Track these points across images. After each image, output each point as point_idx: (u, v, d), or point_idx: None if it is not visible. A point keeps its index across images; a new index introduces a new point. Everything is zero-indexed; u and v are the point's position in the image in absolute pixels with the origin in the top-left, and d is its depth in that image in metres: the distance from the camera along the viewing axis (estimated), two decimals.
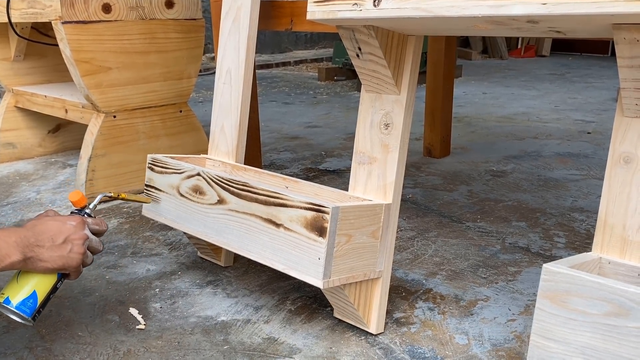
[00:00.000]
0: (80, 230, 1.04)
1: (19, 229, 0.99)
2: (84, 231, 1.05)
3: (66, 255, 1.01)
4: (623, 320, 0.76)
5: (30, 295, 1.02)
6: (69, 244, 1.02)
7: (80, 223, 1.05)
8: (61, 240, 1.01)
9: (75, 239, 1.02)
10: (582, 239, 1.66)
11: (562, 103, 3.92)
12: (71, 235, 1.02)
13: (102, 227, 1.12)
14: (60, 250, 1.00)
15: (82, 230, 1.04)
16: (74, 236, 1.02)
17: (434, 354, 1.13)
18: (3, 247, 0.94)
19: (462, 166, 2.40)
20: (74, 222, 1.04)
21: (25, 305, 1.01)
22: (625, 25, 0.78)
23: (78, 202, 1.14)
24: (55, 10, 1.85)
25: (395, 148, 1.16)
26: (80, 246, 1.03)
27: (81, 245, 1.03)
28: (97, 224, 1.11)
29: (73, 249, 1.02)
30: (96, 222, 1.11)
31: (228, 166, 1.49)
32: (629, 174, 0.90)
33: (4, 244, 0.94)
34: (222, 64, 1.53)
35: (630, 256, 0.89)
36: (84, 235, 1.04)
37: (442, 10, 0.87)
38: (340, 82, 5.13)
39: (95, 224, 1.10)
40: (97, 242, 1.09)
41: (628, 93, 0.87)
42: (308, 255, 1.07)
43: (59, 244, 1.01)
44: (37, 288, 1.03)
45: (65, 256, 1.01)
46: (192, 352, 1.15)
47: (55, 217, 1.06)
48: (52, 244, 1.00)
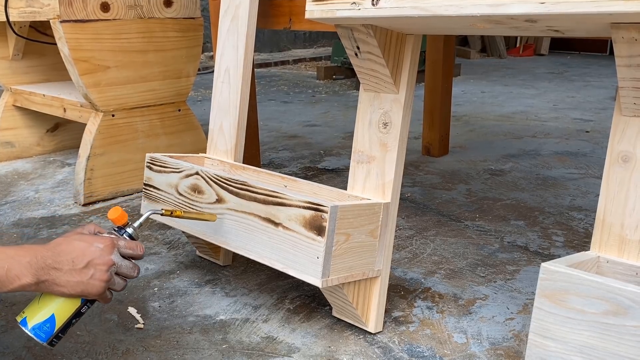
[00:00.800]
0: (107, 255, 0.92)
1: (39, 248, 0.90)
2: (111, 256, 0.93)
3: (86, 281, 0.90)
4: (621, 319, 0.76)
5: (48, 319, 0.93)
6: (91, 269, 0.91)
7: (108, 246, 0.93)
8: (82, 264, 0.90)
9: (99, 264, 0.91)
10: (581, 237, 1.67)
11: (561, 102, 3.92)
12: (95, 260, 0.91)
13: (137, 251, 0.98)
14: (80, 275, 0.90)
15: (108, 255, 0.92)
16: (98, 261, 0.91)
17: (433, 352, 1.13)
18: (14, 267, 0.86)
19: (461, 165, 2.40)
20: (101, 245, 0.93)
21: (41, 330, 0.92)
22: (624, 24, 0.78)
23: (117, 220, 1.02)
24: (54, 9, 1.85)
25: (393, 147, 1.16)
26: (104, 273, 0.91)
27: (105, 272, 0.91)
28: (130, 248, 0.97)
29: (95, 275, 0.91)
30: (130, 246, 0.98)
31: (227, 165, 1.49)
32: (627, 173, 0.90)
33: (16, 264, 0.86)
34: (221, 63, 1.53)
35: (628, 255, 0.90)
36: (109, 261, 0.92)
37: (440, 10, 0.87)
38: (339, 81, 5.13)
39: (128, 247, 0.97)
40: (128, 268, 0.97)
41: (626, 92, 0.87)
42: (307, 254, 1.07)
43: (80, 268, 0.90)
44: (56, 312, 0.93)
45: (85, 282, 0.90)
46: (191, 351, 1.15)
47: (84, 236, 0.94)
48: (72, 268, 0.89)
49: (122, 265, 0.95)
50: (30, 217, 1.89)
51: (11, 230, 1.79)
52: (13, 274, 0.85)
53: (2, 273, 0.85)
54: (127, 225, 1.03)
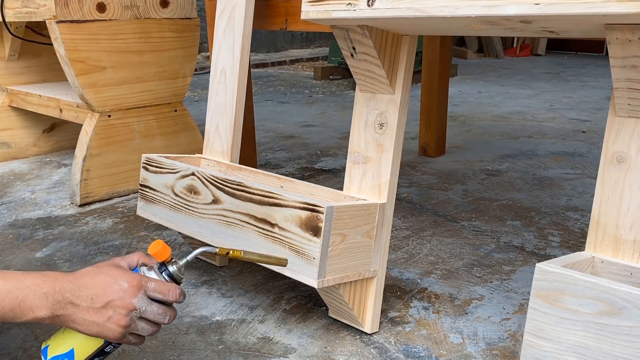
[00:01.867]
0: (130, 298, 0.81)
1: (61, 277, 0.81)
2: (134, 299, 0.81)
3: (102, 323, 0.80)
4: (615, 319, 0.76)
5: (67, 354, 0.85)
6: (110, 310, 0.80)
7: (133, 287, 0.81)
8: (102, 303, 0.80)
9: (118, 306, 0.80)
10: (577, 237, 1.67)
11: (557, 102, 3.93)
12: (115, 301, 0.80)
13: (168, 297, 0.84)
14: (97, 315, 0.80)
15: (131, 298, 0.81)
16: (118, 303, 0.80)
17: (429, 353, 1.13)
18: (29, 298, 0.78)
19: (457, 165, 2.41)
20: (126, 285, 0.81)
21: None
22: (618, 25, 0.79)
23: (158, 255, 0.87)
24: (50, 10, 1.85)
25: (389, 147, 1.16)
26: (123, 317, 0.80)
27: (124, 316, 0.80)
28: (161, 292, 0.83)
29: (113, 318, 0.80)
30: (161, 290, 0.84)
31: (223, 166, 1.49)
32: (622, 174, 0.90)
33: (32, 295, 0.78)
34: (217, 63, 1.53)
35: (623, 255, 0.90)
36: (130, 305, 0.81)
37: (435, 10, 0.87)
38: (336, 81, 5.13)
39: (158, 291, 0.83)
40: (156, 314, 0.83)
41: (620, 93, 0.87)
42: (303, 255, 1.07)
43: (98, 307, 0.80)
44: (76, 347, 0.85)
45: (101, 324, 0.80)
46: (187, 352, 1.15)
47: (113, 270, 0.83)
48: (90, 305, 0.80)
49: (148, 310, 0.83)
50: (27, 218, 1.89)
51: (7, 231, 1.79)
52: (27, 305, 0.78)
53: (16, 303, 0.77)
54: (171, 261, 0.89)
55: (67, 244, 1.68)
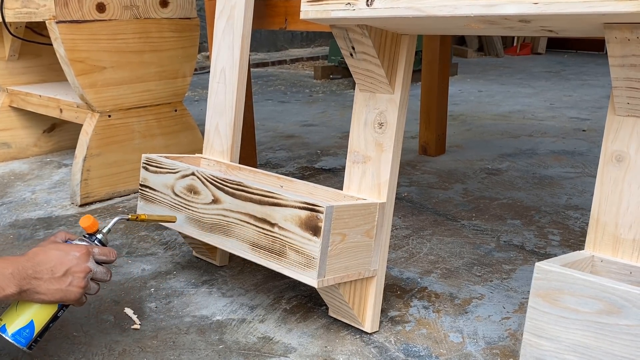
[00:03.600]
0: (84, 263, 1.00)
1: (19, 259, 0.96)
2: (88, 263, 1.00)
3: (65, 288, 0.98)
4: (615, 318, 0.76)
5: (27, 325, 0.99)
6: (69, 276, 0.98)
7: (84, 254, 1.01)
8: (61, 272, 0.97)
9: (76, 272, 0.98)
10: (577, 236, 1.67)
11: (558, 101, 3.93)
12: (73, 268, 0.98)
13: (110, 257, 1.06)
14: (59, 283, 0.97)
15: (85, 263, 1.00)
16: (76, 269, 0.98)
17: (429, 352, 1.13)
18: None
19: (457, 164, 2.41)
20: (77, 253, 1.00)
21: (20, 335, 0.99)
22: (616, 24, 0.79)
23: (89, 228, 1.09)
24: (49, 10, 1.85)
25: (389, 147, 1.17)
26: (81, 280, 0.99)
27: (82, 279, 0.99)
28: (104, 255, 1.05)
29: (73, 282, 0.98)
30: (104, 252, 1.05)
31: (223, 165, 1.49)
32: (621, 173, 0.90)
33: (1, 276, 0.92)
34: (217, 63, 1.53)
35: (622, 254, 0.90)
36: (86, 268, 1.00)
37: (434, 10, 0.87)
38: (336, 81, 5.13)
39: (102, 254, 1.05)
40: (102, 273, 1.05)
41: (620, 92, 0.87)
42: (302, 255, 1.07)
43: (59, 276, 0.97)
44: (35, 318, 0.99)
45: (64, 289, 0.98)
46: (187, 352, 1.15)
47: (60, 245, 1.01)
48: (51, 276, 0.97)
49: (97, 272, 1.03)
50: (27, 218, 1.89)
51: (7, 231, 1.79)
52: None
53: None
54: (98, 232, 1.11)
55: None
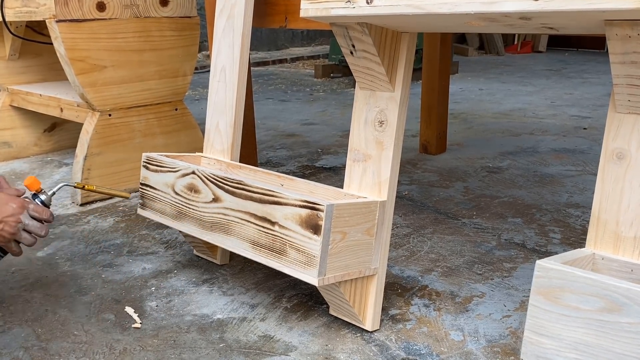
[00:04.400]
0: (18, 214, 1.19)
1: None
2: (21, 215, 1.19)
3: None
4: (616, 316, 0.76)
5: None
6: (2, 223, 1.17)
7: (19, 207, 1.19)
8: None
9: (8, 220, 1.17)
10: (578, 234, 1.67)
11: (558, 99, 3.92)
12: (6, 217, 1.17)
13: (43, 215, 1.23)
14: None
15: (19, 214, 1.19)
16: (9, 218, 1.17)
17: (430, 350, 1.13)
18: None
19: (458, 162, 2.40)
20: (14, 205, 1.19)
21: None
22: (617, 21, 0.78)
23: (30, 186, 1.27)
24: (49, 9, 1.85)
25: (389, 145, 1.16)
26: (12, 227, 1.18)
27: (13, 227, 1.18)
28: (37, 212, 1.22)
29: (4, 228, 1.17)
30: (38, 210, 1.22)
31: (223, 164, 1.49)
32: (622, 170, 0.90)
33: None
34: (217, 62, 1.53)
35: (623, 252, 0.90)
36: (18, 219, 1.18)
37: (434, 7, 0.87)
38: (337, 79, 5.13)
39: (36, 211, 1.22)
40: (36, 227, 1.21)
41: (620, 89, 0.87)
42: (303, 253, 1.07)
43: None
44: None
45: None
46: (188, 351, 1.15)
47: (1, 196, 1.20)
48: None
49: (30, 224, 1.20)
50: None
51: None
52: None
53: None
54: (41, 192, 1.28)
55: (68, 243, 1.68)
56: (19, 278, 1.47)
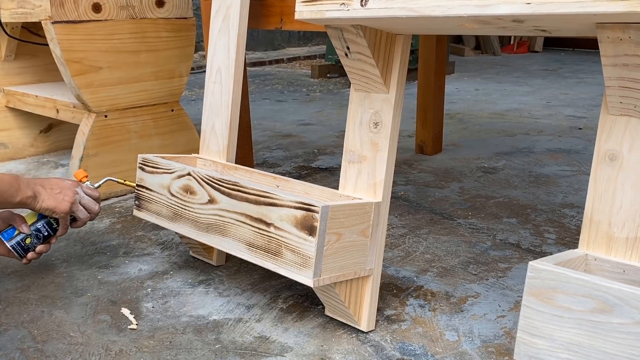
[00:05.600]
0: (74, 187, 1.37)
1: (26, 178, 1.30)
2: (77, 188, 1.38)
3: (59, 199, 1.33)
4: (607, 317, 0.77)
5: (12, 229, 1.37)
6: (62, 193, 1.34)
7: (74, 183, 1.39)
8: (58, 190, 1.34)
9: (68, 192, 1.35)
10: (573, 234, 1.67)
11: (554, 99, 3.93)
12: (65, 189, 1.35)
13: (94, 193, 1.43)
14: (56, 196, 1.33)
15: (74, 187, 1.37)
16: (67, 190, 1.35)
17: (425, 350, 1.14)
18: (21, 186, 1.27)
19: (454, 163, 2.41)
20: (69, 182, 1.38)
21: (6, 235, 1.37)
22: (609, 24, 0.79)
23: (78, 175, 1.47)
24: (45, 10, 1.85)
25: (384, 146, 1.17)
26: (71, 196, 1.35)
27: (71, 196, 1.35)
28: (89, 189, 1.42)
29: (65, 197, 1.34)
30: (89, 188, 1.43)
31: (219, 165, 1.49)
32: (614, 172, 0.91)
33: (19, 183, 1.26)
34: (212, 63, 1.53)
35: (616, 252, 0.90)
36: (75, 191, 1.37)
37: (427, 10, 0.88)
38: (334, 80, 5.13)
39: (88, 188, 1.42)
40: (90, 201, 1.40)
41: (612, 91, 0.87)
42: (298, 254, 1.07)
43: (56, 192, 1.34)
44: None
45: (59, 200, 1.33)
46: (184, 352, 1.15)
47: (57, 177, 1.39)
48: (52, 190, 1.33)
49: (84, 197, 1.39)
50: None
51: None
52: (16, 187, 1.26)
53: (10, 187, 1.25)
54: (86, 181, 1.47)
55: (64, 244, 1.68)
56: (15, 279, 1.47)
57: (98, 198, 1.43)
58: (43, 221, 1.38)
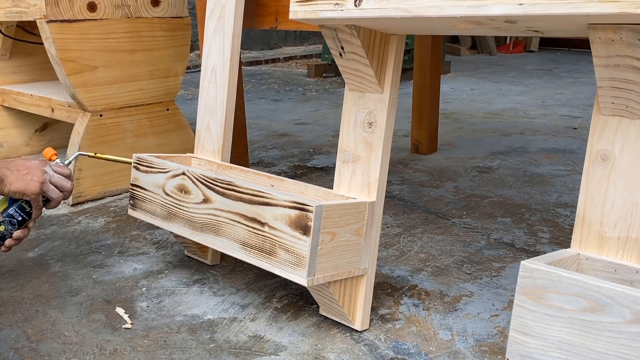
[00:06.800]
0: (42, 166, 1.30)
1: None
2: (45, 167, 1.31)
3: (28, 180, 1.27)
4: (598, 316, 0.77)
5: None
6: (31, 174, 1.28)
7: (42, 162, 1.32)
8: (25, 171, 1.28)
9: (35, 172, 1.28)
10: (566, 234, 1.68)
11: (549, 99, 3.94)
12: (33, 169, 1.29)
13: (65, 170, 1.35)
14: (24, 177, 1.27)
15: (42, 167, 1.30)
16: (35, 170, 1.29)
17: (418, 349, 1.14)
18: None
19: (449, 162, 2.42)
20: (37, 161, 1.31)
21: None
22: (600, 25, 0.80)
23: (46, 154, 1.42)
24: (40, 9, 1.84)
25: (378, 146, 1.17)
26: (40, 176, 1.28)
27: (40, 176, 1.28)
28: (59, 166, 1.35)
29: (33, 178, 1.27)
30: (58, 165, 1.35)
31: (214, 165, 1.49)
32: (606, 172, 0.91)
33: None
34: (207, 62, 1.53)
35: (607, 252, 0.91)
36: (43, 170, 1.30)
37: (421, 11, 0.88)
38: (330, 79, 5.13)
39: (57, 166, 1.34)
40: (61, 179, 1.32)
41: (604, 92, 0.88)
42: (292, 254, 1.08)
43: (24, 173, 1.27)
44: None
45: (27, 181, 1.26)
46: (178, 351, 1.15)
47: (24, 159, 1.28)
48: (19, 172, 1.27)
49: (54, 176, 1.31)
50: None
51: None
52: None
53: None
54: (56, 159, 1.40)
55: (59, 243, 1.68)
56: (9, 279, 1.47)
57: (70, 175, 1.36)
58: (15, 206, 1.30)
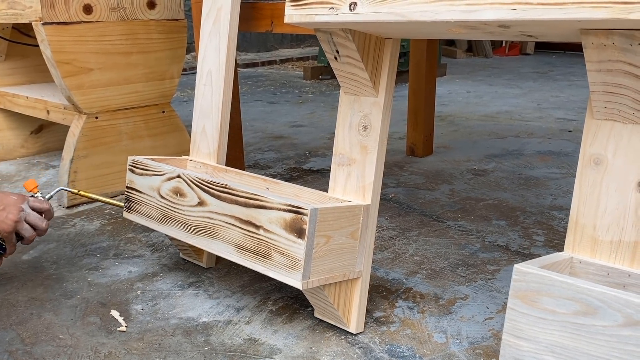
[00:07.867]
0: (19, 204, 1.26)
1: None
2: (22, 204, 1.27)
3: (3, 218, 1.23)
4: (591, 319, 0.78)
5: None
6: (5, 211, 1.24)
7: (20, 198, 1.27)
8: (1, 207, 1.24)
9: (11, 209, 1.24)
10: (561, 237, 1.69)
11: (545, 101, 3.96)
12: (9, 206, 1.24)
13: (44, 206, 1.31)
14: None
15: (20, 204, 1.26)
16: (11, 207, 1.24)
17: (413, 352, 1.15)
18: None
19: (445, 165, 2.42)
20: (15, 197, 1.27)
21: None
22: (593, 30, 0.80)
23: (27, 186, 1.41)
24: (36, 11, 1.84)
25: (373, 149, 1.18)
26: (15, 214, 1.24)
27: (15, 214, 1.24)
28: (38, 202, 1.30)
29: (8, 216, 1.23)
30: (38, 201, 1.31)
31: (209, 168, 1.49)
32: (599, 175, 0.92)
33: None
34: (203, 65, 1.53)
35: (600, 255, 0.92)
36: (20, 208, 1.26)
37: (415, 15, 0.89)
38: (326, 81, 5.14)
39: (36, 202, 1.30)
40: (36, 218, 1.29)
41: (597, 96, 0.88)
42: (287, 257, 1.08)
43: None
44: None
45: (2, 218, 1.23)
46: (173, 354, 1.15)
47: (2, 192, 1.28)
48: None
49: (30, 214, 1.28)
50: None
51: None
52: None
53: None
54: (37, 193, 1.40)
55: (54, 246, 1.68)
56: (4, 281, 1.47)
57: (48, 210, 1.33)
58: None
